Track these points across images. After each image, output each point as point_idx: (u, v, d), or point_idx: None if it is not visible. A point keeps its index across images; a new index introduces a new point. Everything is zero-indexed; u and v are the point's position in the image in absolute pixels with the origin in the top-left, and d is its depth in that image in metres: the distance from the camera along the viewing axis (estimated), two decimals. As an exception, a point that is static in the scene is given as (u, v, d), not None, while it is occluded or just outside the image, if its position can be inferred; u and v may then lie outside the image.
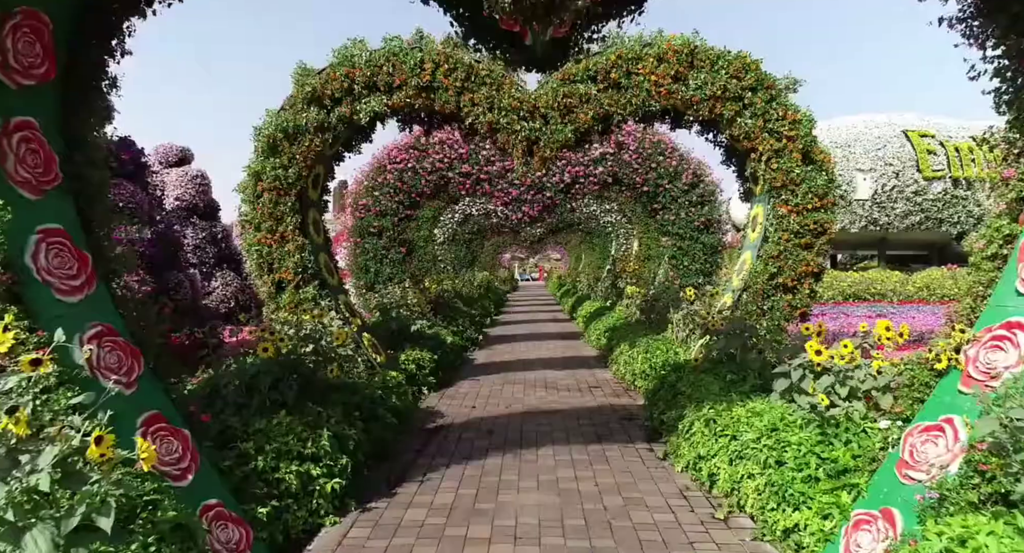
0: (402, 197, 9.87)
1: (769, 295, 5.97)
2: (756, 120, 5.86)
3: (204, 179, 13.55)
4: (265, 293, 6.26)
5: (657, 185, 9.85)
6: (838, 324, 12.29)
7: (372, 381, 5.47)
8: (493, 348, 11.55)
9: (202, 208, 13.48)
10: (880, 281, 19.94)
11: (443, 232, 17.16)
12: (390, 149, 9.94)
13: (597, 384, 7.85)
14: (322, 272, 6.42)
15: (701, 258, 9.78)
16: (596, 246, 21.90)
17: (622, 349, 8.28)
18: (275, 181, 6.06)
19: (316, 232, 6.59)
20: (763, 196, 6.23)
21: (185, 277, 8.13)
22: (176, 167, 13.25)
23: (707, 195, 9.86)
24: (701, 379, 4.85)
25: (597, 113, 6.07)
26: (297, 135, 6.11)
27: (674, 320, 7.63)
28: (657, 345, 7.34)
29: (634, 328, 8.86)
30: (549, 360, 9.96)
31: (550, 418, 6.08)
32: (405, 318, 7.90)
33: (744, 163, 6.54)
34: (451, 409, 6.54)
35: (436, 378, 7.57)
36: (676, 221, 9.84)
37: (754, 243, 6.32)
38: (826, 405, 3.26)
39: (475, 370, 9.09)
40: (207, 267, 13.19)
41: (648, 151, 9.81)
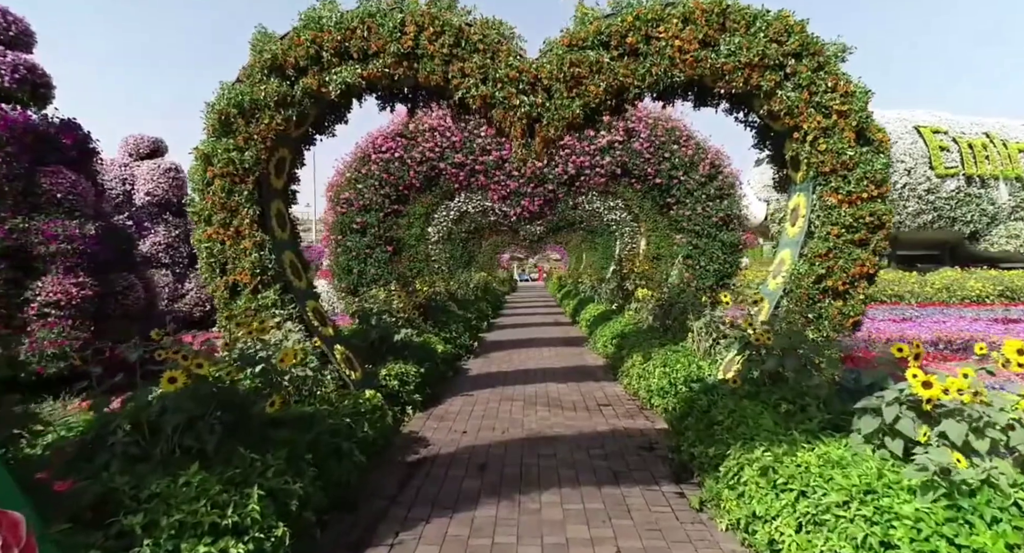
0: (388, 190, 8.92)
1: (815, 301, 5.02)
2: (800, 92, 4.91)
3: (178, 173, 12.59)
4: (218, 299, 5.30)
5: (671, 177, 8.90)
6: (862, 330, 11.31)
7: (340, 406, 4.51)
8: (490, 356, 10.59)
9: (176, 204, 12.52)
10: (896, 282, 19.00)
11: (437, 230, 16.20)
12: (375, 137, 8.98)
13: (607, 401, 6.89)
14: (286, 273, 5.46)
15: (720, 258, 8.83)
16: (598, 246, 20.96)
17: (634, 360, 7.33)
18: (228, 165, 5.10)
19: (280, 227, 5.63)
20: (806, 184, 5.28)
21: (138, 279, 7.17)
22: (148, 159, 12.28)
23: (726, 188, 8.91)
24: (744, 407, 3.90)
25: (610, 85, 5.12)
26: (254, 111, 5.16)
27: (695, 328, 6.68)
28: (677, 357, 6.39)
29: (646, 336, 7.90)
30: (551, 370, 9.00)
31: (554, 446, 5.13)
32: (388, 326, 6.95)
33: (781, 146, 5.59)
34: (438, 434, 5.58)
35: (423, 394, 6.61)
36: (692, 217, 8.89)
37: (795, 239, 5.37)
38: (964, 466, 2.29)
39: (469, 383, 8.13)
40: (180, 267, 12.23)
41: (661, 139, 8.86)
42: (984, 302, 18.09)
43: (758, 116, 5.67)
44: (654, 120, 8.90)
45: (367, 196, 8.85)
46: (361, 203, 8.86)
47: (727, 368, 5.50)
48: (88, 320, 6.29)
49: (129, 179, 11.77)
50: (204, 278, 5.30)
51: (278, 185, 5.68)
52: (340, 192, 8.94)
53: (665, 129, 8.86)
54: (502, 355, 10.66)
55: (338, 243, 8.93)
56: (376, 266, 8.92)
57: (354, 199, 8.86)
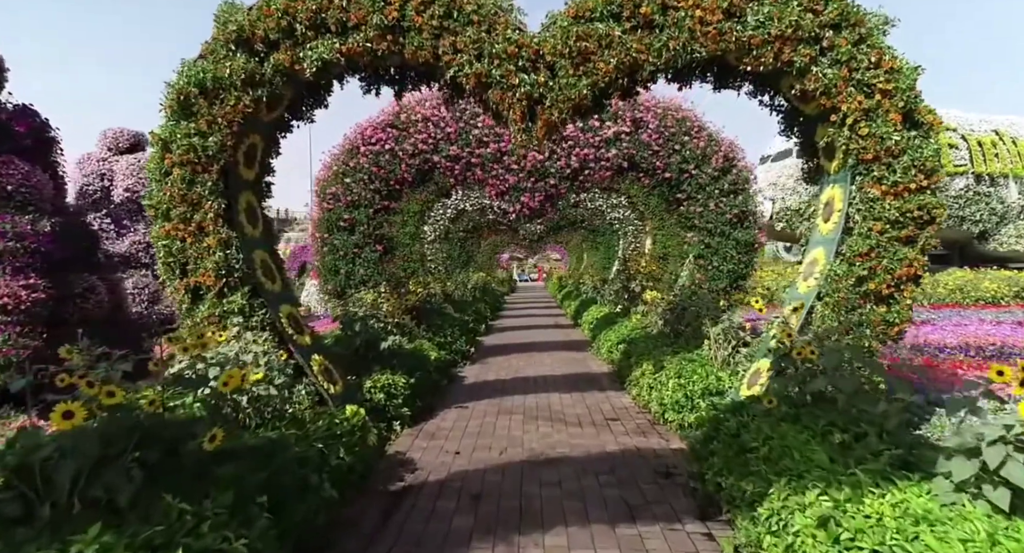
0: (378, 185, 8.31)
1: (855, 307, 4.42)
2: (839, 69, 4.31)
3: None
4: (178, 304, 4.69)
5: (681, 171, 8.29)
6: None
7: (312, 428, 3.90)
8: (487, 362, 9.98)
9: (158, 201, 11.90)
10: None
11: (433, 229, 15.60)
12: (364, 128, 8.38)
13: (614, 414, 6.28)
14: (257, 274, 4.85)
15: (733, 257, 8.23)
16: (600, 245, 20.36)
17: (644, 369, 6.73)
18: (189, 152, 4.49)
19: (251, 222, 5.02)
20: (842, 174, 4.67)
21: (102, 280, 6.56)
22: (128, 154, 11.66)
23: (740, 183, 8.31)
24: (784, 434, 3.30)
25: (622, 62, 4.52)
26: (218, 91, 4.55)
27: (711, 335, 6.08)
28: (693, 368, 5.79)
29: (656, 342, 7.30)
30: (552, 378, 8.40)
31: (559, 470, 4.52)
32: (376, 332, 6.33)
33: (812, 132, 5.00)
34: (428, 456, 4.97)
35: (413, 407, 6.01)
36: (704, 213, 8.28)
37: (828, 237, 4.77)
38: None
39: (464, 393, 7.52)
40: (162, 268, 11.61)
41: (671, 130, 8.26)
42: (999, 303, 17.49)
43: (786, 99, 5.07)
44: (663, 110, 8.30)
45: (355, 191, 8.24)
46: (349, 199, 8.26)
47: (751, 381, 4.91)
48: (40, 326, 5.68)
49: (108, 174, 11.16)
50: (162, 280, 4.69)
51: (248, 176, 5.07)
52: (327, 187, 8.33)
53: (675, 119, 8.26)
54: (501, 361, 10.06)
55: (324, 242, 8.32)
56: (365, 266, 8.31)
57: (341, 194, 8.25)
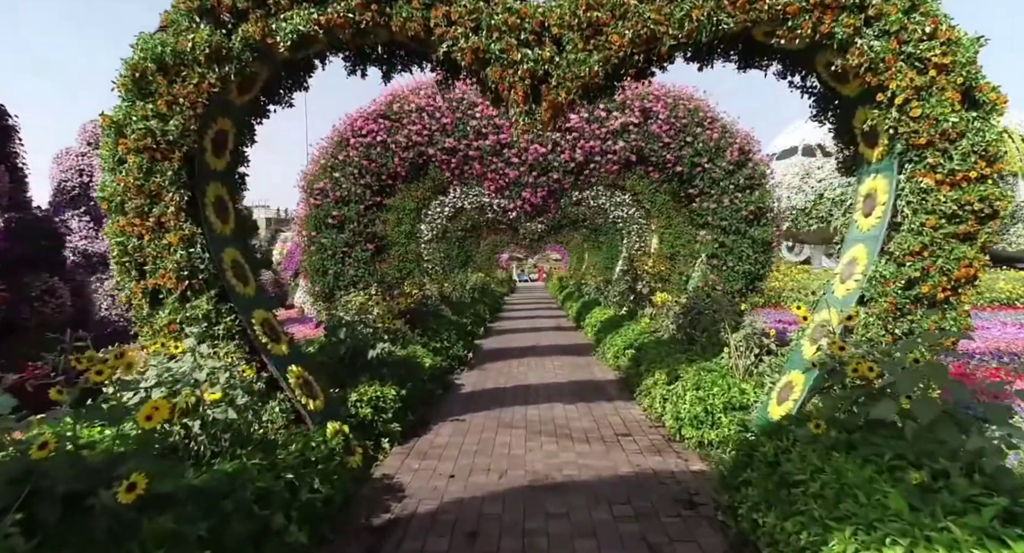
0: (369, 179, 7.77)
1: (905, 312, 3.88)
2: (887, 41, 3.77)
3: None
4: (135, 310, 4.15)
5: (693, 164, 7.75)
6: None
7: (282, 454, 3.36)
8: (486, 368, 9.43)
9: (141, 198, 11.35)
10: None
11: (431, 228, 15.05)
12: (354, 119, 7.83)
13: (625, 429, 5.74)
14: (226, 276, 4.30)
15: (750, 257, 7.69)
16: (603, 245, 19.82)
17: (656, 378, 6.19)
18: (146, 137, 3.95)
19: (220, 218, 4.47)
20: (887, 162, 4.13)
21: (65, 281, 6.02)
22: (109, 149, 11.11)
23: (757, 177, 7.77)
24: (840, 468, 2.75)
25: (638, 34, 3.98)
26: (180, 67, 4.00)
27: (731, 342, 5.53)
28: (712, 378, 5.25)
29: (669, 349, 6.76)
30: (556, 386, 7.86)
31: (566, 499, 3.98)
32: (365, 338, 5.79)
33: (850, 115, 4.45)
34: (419, 480, 4.43)
35: (404, 422, 5.47)
36: (718, 210, 7.74)
37: (870, 233, 4.23)
38: None
39: (461, 403, 6.98)
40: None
41: (682, 121, 7.72)
42: (1015, 305, 16.97)
43: (820, 79, 4.53)
44: (674, 99, 7.76)
45: (345, 186, 7.70)
46: (338, 194, 7.71)
47: (782, 396, 4.36)
48: (-9, 332, 5.15)
49: (87, 170, 10.60)
50: (117, 282, 4.14)
51: (218, 166, 4.52)
52: (314, 182, 7.79)
53: (687, 109, 7.72)
54: (500, 366, 9.51)
55: (311, 240, 7.78)
56: (355, 267, 7.77)
57: (330, 189, 7.70)
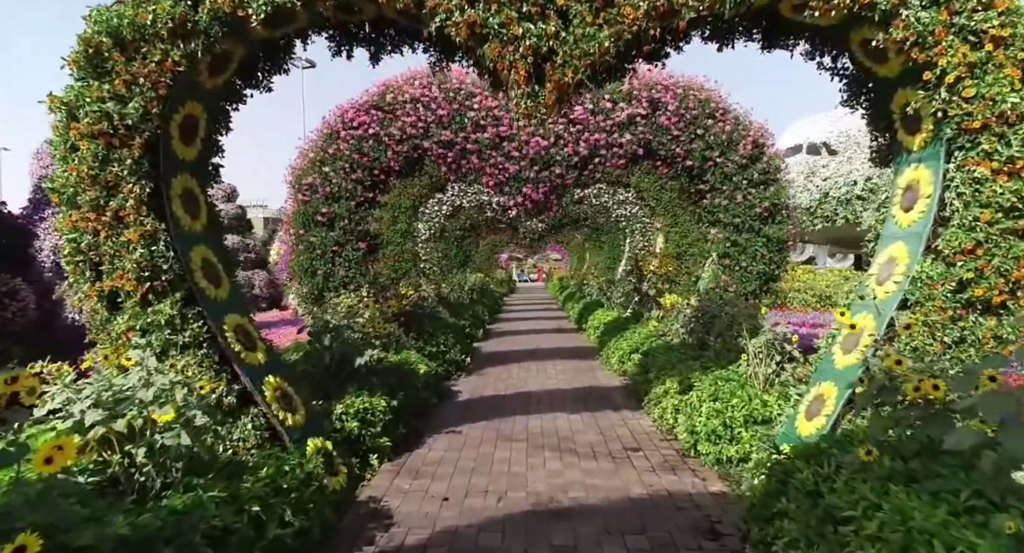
0: (361, 174, 7.33)
1: (956, 318, 3.45)
2: (936, 11, 3.34)
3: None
4: (89, 315, 3.71)
5: (704, 158, 7.32)
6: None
7: (248, 483, 2.92)
8: (484, 373, 9.00)
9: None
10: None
11: (428, 227, 14.61)
12: (344, 110, 7.40)
13: (634, 443, 5.30)
14: (195, 277, 3.87)
15: (764, 256, 7.25)
16: (604, 244, 19.39)
17: (667, 387, 5.75)
18: (101, 121, 3.51)
19: (189, 213, 4.03)
20: (932, 149, 3.69)
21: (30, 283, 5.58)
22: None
23: (771, 172, 7.34)
24: (902, 506, 2.31)
25: (654, 6, 3.54)
26: (139, 42, 3.57)
27: (750, 349, 5.10)
28: (731, 388, 4.81)
29: (680, 355, 6.32)
30: (558, 394, 7.43)
31: (574, 527, 3.55)
32: (355, 344, 5.34)
33: (888, 98, 4.02)
34: (409, 504, 3.99)
35: (395, 436, 5.04)
36: (730, 207, 7.31)
37: (911, 229, 3.80)
38: None
39: (457, 413, 6.54)
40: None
41: (692, 113, 7.29)
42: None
43: (854, 59, 4.10)
44: (683, 89, 7.33)
45: (335, 181, 7.26)
46: (328, 190, 7.27)
47: (812, 410, 3.93)
48: (-57, 339, 4.71)
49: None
50: (69, 283, 3.70)
51: (187, 155, 4.08)
52: (302, 177, 7.35)
53: (697, 100, 7.29)
54: (499, 372, 9.08)
55: (299, 238, 7.34)
56: (346, 266, 7.33)
57: (319, 185, 7.27)
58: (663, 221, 11.38)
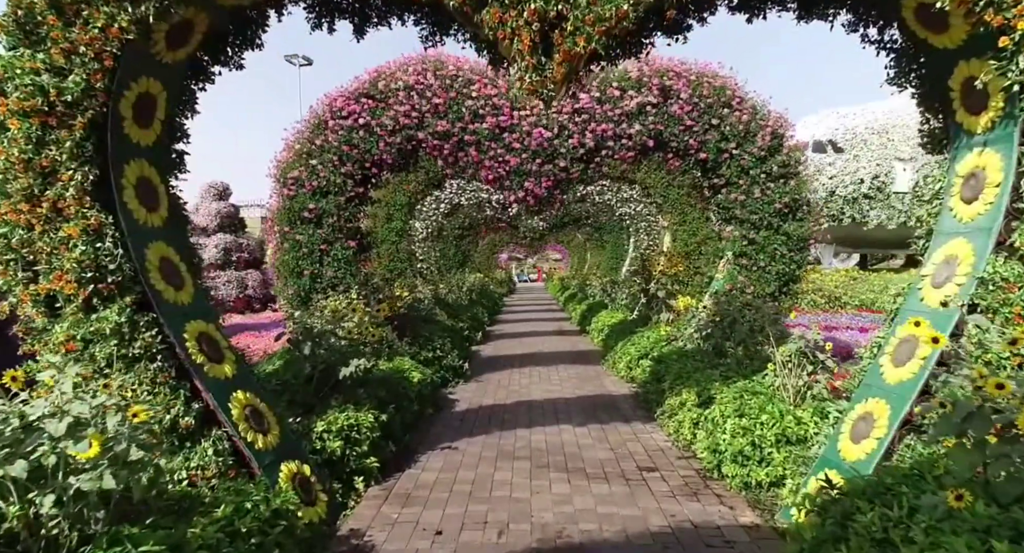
0: (351, 167, 6.81)
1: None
2: (1017, -34, 2.83)
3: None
4: (21, 323, 3.20)
5: (719, 150, 6.80)
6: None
7: (192, 530, 2.41)
8: (484, 379, 8.50)
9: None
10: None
11: (425, 225, 14.11)
12: (333, 98, 6.88)
13: (650, 461, 4.79)
14: (150, 278, 3.36)
15: (784, 256, 6.74)
16: (607, 243, 18.90)
17: (684, 398, 5.25)
18: (35, 96, 3.00)
19: (146, 204, 3.52)
20: (1001, 130, 3.19)
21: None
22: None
23: (791, 165, 6.83)
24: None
25: (681, -37, 3.03)
26: (80, 5, 3.06)
27: (777, 358, 4.59)
28: (758, 403, 4.30)
29: (696, 362, 5.82)
30: (563, 403, 6.92)
31: (587, 569, 3.04)
32: (342, 352, 4.82)
33: (945, 73, 3.51)
34: (396, 538, 3.48)
35: (384, 455, 4.53)
36: (747, 202, 6.80)
37: (977, 224, 3.29)
38: None
39: (454, 425, 6.04)
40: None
41: (707, 101, 6.77)
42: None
43: (905, 29, 3.59)
44: (697, 76, 6.81)
45: (322, 175, 6.75)
46: (315, 184, 6.76)
47: (858, 432, 3.44)
48: None
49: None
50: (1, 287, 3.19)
51: (143, 139, 3.57)
52: (287, 170, 6.84)
53: (712, 88, 6.78)
54: (500, 378, 8.57)
55: (284, 236, 6.83)
56: (335, 267, 6.82)
57: (305, 179, 6.75)
58: (670, 219, 10.88)
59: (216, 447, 3.21)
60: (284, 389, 4.47)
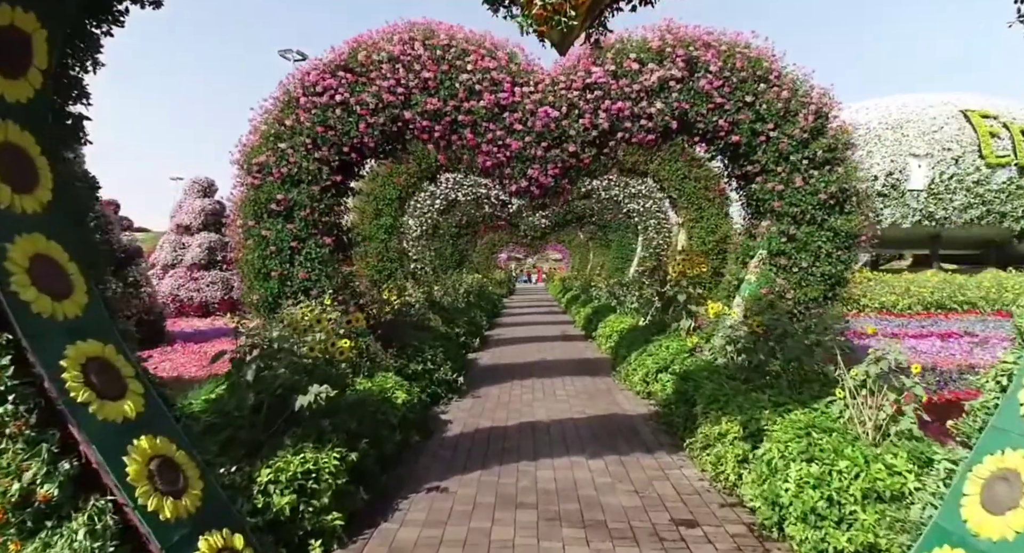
0: (327, 152, 5.86)
1: None
2: None
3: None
4: None
5: (754, 132, 5.85)
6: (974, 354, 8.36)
7: None
8: (481, 394, 7.55)
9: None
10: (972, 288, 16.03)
11: (419, 223, 13.17)
12: (305, 72, 5.92)
13: (686, 510, 3.84)
14: (11, 283, 2.40)
15: (830, 255, 5.79)
16: (612, 242, 17.96)
17: (724, 428, 4.30)
18: None
19: (11, 182, 2.57)
20: None
21: None
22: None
23: (838, 149, 5.88)
24: None
25: None
26: None
27: (847, 384, 3.65)
28: (832, 443, 3.35)
29: (732, 382, 4.87)
30: (572, 426, 5.98)
31: None
32: (304, 372, 3.87)
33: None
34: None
35: (353, 504, 3.58)
36: (786, 193, 5.85)
37: None
38: None
39: (444, 457, 5.10)
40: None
41: (741, 75, 5.82)
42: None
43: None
44: (728, 46, 5.87)
45: (293, 161, 5.80)
46: (284, 171, 5.81)
47: (994, 494, 2.49)
48: None
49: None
50: None
51: (10, 93, 2.61)
52: (253, 156, 5.88)
53: (746, 60, 5.84)
54: (499, 392, 7.62)
55: (249, 232, 5.88)
56: (308, 267, 5.87)
57: (273, 165, 5.80)
58: (686, 214, 9.94)
59: (92, 526, 2.25)
60: (225, 423, 3.51)
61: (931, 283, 16.32)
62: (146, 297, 9.61)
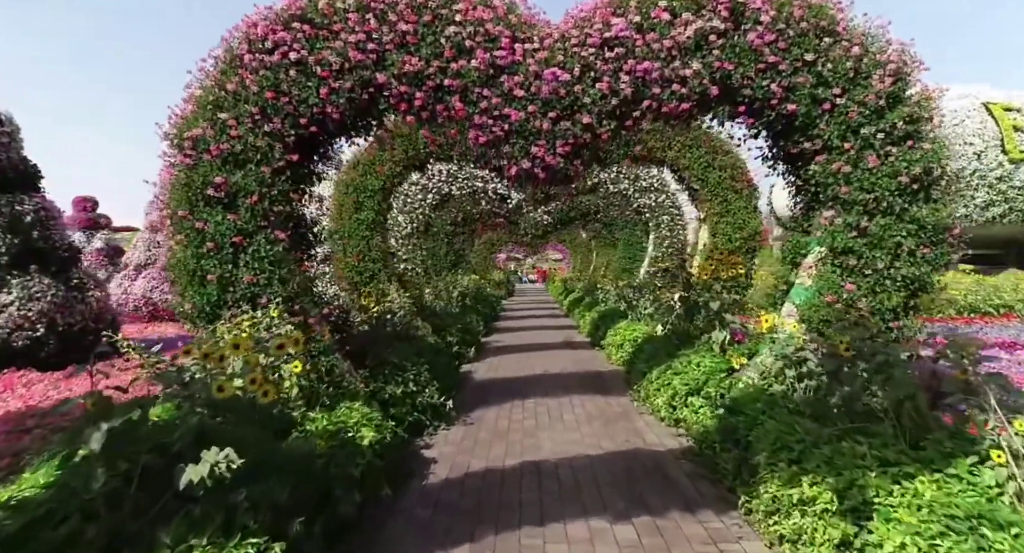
0: (280, 124, 4.67)
1: None
2: None
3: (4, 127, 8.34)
4: None
5: (814, 99, 4.66)
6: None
7: None
8: (474, 419, 6.36)
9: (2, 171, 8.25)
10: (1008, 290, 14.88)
11: (408, 219, 11.96)
12: (252, 23, 4.73)
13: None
14: None
15: (912, 253, 4.60)
16: (619, 241, 16.75)
17: (806, 491, 3.10)
18: None
19: None
20: None
21: None
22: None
23: (922, 120, 4.68)
24: None
25: None
26: None
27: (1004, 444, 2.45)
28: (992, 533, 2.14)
29: (803, 420, 3.67)
30: (587, 466, 4.79)
31: None
32: (213, 416, 2.68)
33: None
34: None
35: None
36: (854, 175, 4.66)
37: None
38: None
39: (419, 520, 3.90)
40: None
41: (800, 26, 4.63)
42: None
43: None
44: (784, -11, 4.70)
45: (235, 135, 4.60)
46: (224, 147, 4.62)
47: None
48: None
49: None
50: None
51: None
52: (185, 129, 4.69)
53: (806, 8, 4.66)
54: (496, 417, 6.43)
55: (180, 224, 4.69)
56: (255, 269, 4.68)
57: (211, 139, 4.61)
58: (709, 208, 8.74)
59: None
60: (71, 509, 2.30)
61: (963, 284, 15.16)
62: (93, 302, 8.43)
